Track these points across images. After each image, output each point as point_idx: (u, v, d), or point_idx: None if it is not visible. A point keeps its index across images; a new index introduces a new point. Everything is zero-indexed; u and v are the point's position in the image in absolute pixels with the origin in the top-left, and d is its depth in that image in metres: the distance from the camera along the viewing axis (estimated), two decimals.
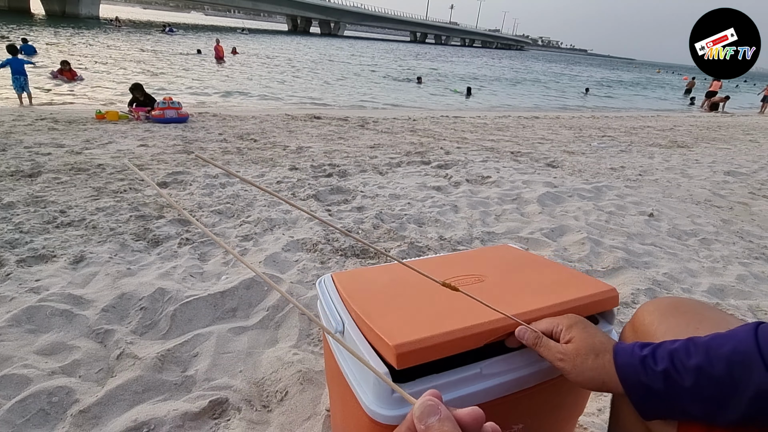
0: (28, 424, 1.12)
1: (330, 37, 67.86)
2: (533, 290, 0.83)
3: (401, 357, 0.62)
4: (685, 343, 0.55)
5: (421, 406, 0.34)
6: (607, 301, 0.82)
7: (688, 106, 17.06)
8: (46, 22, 29.01)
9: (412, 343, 0.63)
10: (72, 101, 7.28)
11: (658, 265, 2.31)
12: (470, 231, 2.53)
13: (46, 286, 1.70)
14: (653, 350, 0.57)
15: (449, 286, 0.62)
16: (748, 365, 0.48)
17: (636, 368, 0.56)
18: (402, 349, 0.62)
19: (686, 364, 0.53)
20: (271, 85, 11.84)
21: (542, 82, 23.32)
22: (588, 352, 0.62)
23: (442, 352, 0.65)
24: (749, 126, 10.11)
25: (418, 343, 0.64)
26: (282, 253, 2.10)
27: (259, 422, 1.19)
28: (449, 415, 0.33)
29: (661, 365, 0.54)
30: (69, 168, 3.17)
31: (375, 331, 0.67)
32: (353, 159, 4.06)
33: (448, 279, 0.87)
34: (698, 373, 0.51)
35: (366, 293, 0.83)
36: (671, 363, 0.54)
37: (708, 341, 0.53)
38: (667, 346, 0.56)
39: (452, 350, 0.66)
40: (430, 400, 0.34)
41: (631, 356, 0.58)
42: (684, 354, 0.53)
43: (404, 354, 0.62)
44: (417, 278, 0.90)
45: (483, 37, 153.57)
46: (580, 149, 5.51)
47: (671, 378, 0.53)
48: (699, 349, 0.53)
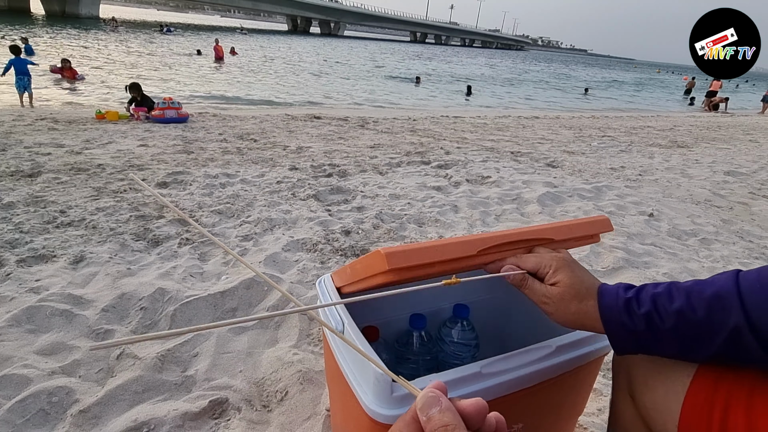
0: (28, 424, 1.12)
1: (330, 37, 67.86)
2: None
3: (390, 256, 0.61)
4: (668, 287, 0.57)
5: (423, 398, 0.34)
6: (599, 223, 0.82)
7: (688, 106, 17.06)
8: (46, 23, 29.01)
9: (400, 246, 0.63)
10: (71, 101, 7.28)
11: (658, 265, 2.31)
12: (470, 231, 2.53)
13: (46, 286, 1.70)
14: (637, 293, 0.59)
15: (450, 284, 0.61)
16: (727, 308, 0.51)
17: (620, 310, 0.59)
18: (390, 249, 0.62)
19: (668, 307, 0.55)
20: (270, 85, 11.84)
21: (542, 82, 23.32)
22: (573, 296, 0.63)
23: (435, 256, 0.63)
24: (749, 126, 10.11)
25: (406, 246, 0.63)
26: (282, 253, 2.10)
27: (259, 422, 1.19)
28: (450, 406, 0.34)
29: (644, 308, 0.57)
30: (69, 168, 3.17)
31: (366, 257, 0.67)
32: (353, 159, 4.06)
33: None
34: (679, 316, 0.54)
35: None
36: (654, 306, 0.56)
37: (690, 285, 0.56)
38: (650, 290, 0.58)
39: (446, 255, 0.64)
40: (431, 391, 0.35)
41: (616, 299, 0.60)
42: (666, 298, 0.56)
43: (392, 254, 0.61)
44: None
45: (483, 37, 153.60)
46: (580, 149, 5.51)
47: (653, 321, 0.56)
48: (681, 293, 0.55)
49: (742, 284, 0.52)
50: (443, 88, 15.37)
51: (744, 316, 0.50)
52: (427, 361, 0.95)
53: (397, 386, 0.64)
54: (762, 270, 0.53)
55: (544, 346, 0.75)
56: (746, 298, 0.51)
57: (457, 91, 14.77)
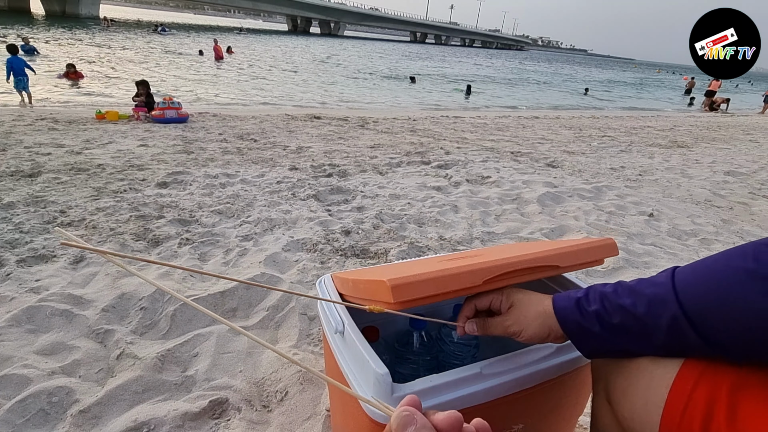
0: (28, 424, 1.12)
1: (330, 37, 67.86)
2: (533, 246, 0.83)
3: (396, 289, 0.61)
4: (614, 286, 0.62)
5: (397, 418, 0.33)
6: (605, 247, 0.81)
7: (688, 106, 17.05)
8: (46, 23, 29.00)
9: (407, 277, 0.63)
10: (71, 99, 7.28)
11: (658, 265, 2.31)
12: (470, 231, 2.53)
13: (46, 286, 1.70)
14: (586, 292, 0.63)
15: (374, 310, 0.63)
16: (664, 301, 0.56)
17: (573, 310, 0.63)
18: (396, 282, 0.62)
19: (614, 304, 0.60)
20: (269, 85, 11.84)
21: (542, 82, 23.32)
22: (529, 306, 0.67)
23: (440, 287, 0.64)
24: (749, 126, 10.11)
25: (414, 278, 0.63)
26: (282, 253, 2.10)
27: (259, 422, 1.19)
28: (426, 423, 0.33)
29: (593, 306, 0.61)
30: (69, 168, 3.17)
31: (371, 279, 0.67)
32: (353, 159, 4.06)
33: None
34: (623, 312, 0.58)
35: None
36: (602, 304, 0.60)
37: (634, 285, 0.60)
38: (598, 288, 0.63)
39: (451, 286, 0.65)
40: (405, 410, 0.34)
41: (567, 300, 0.64)
42: (613, 296, 0.60)
43: (398, 287, 0.62)
44: None
45: (483, 37, 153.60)
46: (580, 149, 5.51)
47: (602, 318, 0.60)
48: (625, 291, 0.60)
49: (677, 278, 0.56)
50: (441, 88, 15.37)
51: (679, 307, 0.54)
52: (427, 362, 0.95)
53: (396, 386, 0.64)
54: (696, 264, 0.57)
55: (544, 347, 0.75)
56: (680, 290, 0.55)
57: (455, 90, 14.77)
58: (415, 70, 20.97)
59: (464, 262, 0.71)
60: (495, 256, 0.84)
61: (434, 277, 0.64)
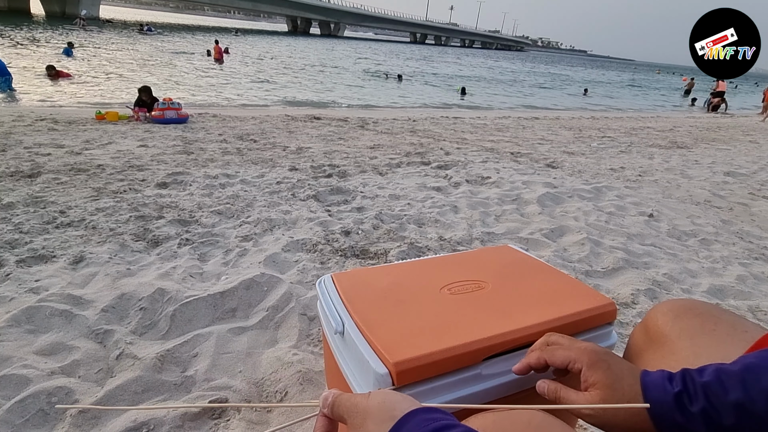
0: (28, 424, 1.12)
1: (329, 38, 67.87)
2: (533, 301, 0.84)
3: (400, 375, 0.64)
4: (716, 373, 0.50)
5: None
6: (605, 315, 0.84)
7: (689, 106, 17.05)
8: (46, 23, 29.00)
9: (411, 360, 0.65)
10: (68, 101, 7.27)
11: (658, 265, 2.31)
12: (470, 231, 2.53)
13: (46, 286, 1.69)
14: (684, 384, 0.51)
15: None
16: None
17: (672, 408, 0.51)
18: (401, 367, 0.64)
19: (724, 400, 0.48)
20: (269, 85, 11.84)
21: (541, 83, 23.33)
22: (615, 395, 0.55)
23: (440, 369, 0.67)
24: (749, 127, 10.12)
25: (417, 361, 0.65)
26: (282, 254, 2.10)
27: (258, 422, 1.19)
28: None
29: (697, 405, 0.49)
30: (69, 168, 3.17)
31: (375, 344, 0.69)
32: (353, 159, 4.06)
33: (448, 284, 0.87)
34: (739, 411, 0.47)
35: (366, 295, 0.83)
36: (707, 401, 0.49)
37: (741, 372, 0.49)
38: (697, 379, 0.51)
39: (451, 367, 0.68)
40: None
41: (664, 394, 0.52)
42: (719, 389, 0.49)
43: (403, 372, 0.64)
44: (417, 281, 0.90)
45: (483, 38, 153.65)
46: (579, 150, 5.51)
47: (711, 419, 0.48)
48: (734, 382, 0.49)
49: None
50: (438, 88, 15.37)
51: None
52: None
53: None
54: None
55: None
56: None
57: (454, 90, 14.79)
58: (416, 70, 20.99)
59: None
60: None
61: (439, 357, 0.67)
